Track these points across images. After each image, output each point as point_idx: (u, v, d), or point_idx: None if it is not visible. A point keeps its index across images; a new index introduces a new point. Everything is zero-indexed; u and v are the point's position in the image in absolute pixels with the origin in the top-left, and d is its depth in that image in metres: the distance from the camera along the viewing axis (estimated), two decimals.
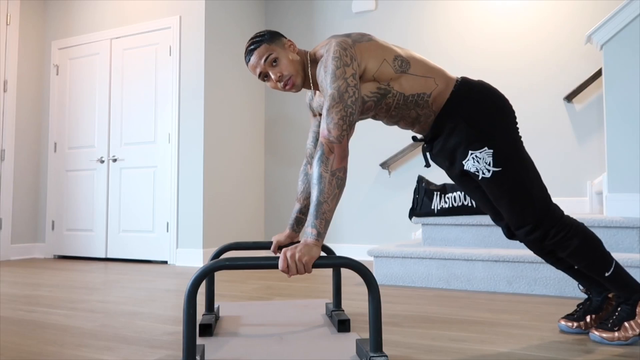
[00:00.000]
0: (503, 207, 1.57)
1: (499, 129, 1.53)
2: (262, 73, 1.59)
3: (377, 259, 2.94)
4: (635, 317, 1.59)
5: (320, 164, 1.39)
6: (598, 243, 1.60)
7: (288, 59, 1.57)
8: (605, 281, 1.61)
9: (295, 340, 1.66)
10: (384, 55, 1.53)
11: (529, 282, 2.56)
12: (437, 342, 1.65)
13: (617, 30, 2.83)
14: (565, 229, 1.56)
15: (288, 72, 1.57)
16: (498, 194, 1.55)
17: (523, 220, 1.56)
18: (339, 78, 1.44)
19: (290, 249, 1.31)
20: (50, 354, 1.55)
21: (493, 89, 1.59)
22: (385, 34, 4.38)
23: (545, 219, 1.55)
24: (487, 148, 1.51)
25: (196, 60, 4.16)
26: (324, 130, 1.42)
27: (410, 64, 1.56)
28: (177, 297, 2.54)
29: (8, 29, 4.61)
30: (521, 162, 1.54)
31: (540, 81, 3.85)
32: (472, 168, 1.54)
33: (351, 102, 1.44)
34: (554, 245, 1.58)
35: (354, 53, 1.49)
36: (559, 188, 3.75)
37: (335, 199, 1.37)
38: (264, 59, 1.56)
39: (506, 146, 1.53)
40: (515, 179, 1.52)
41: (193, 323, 1.24)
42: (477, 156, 1.52)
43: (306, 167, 1.88)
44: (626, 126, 2.80)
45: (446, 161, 1.62)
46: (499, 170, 1.52)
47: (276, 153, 4.81)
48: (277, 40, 1.59)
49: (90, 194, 4.56)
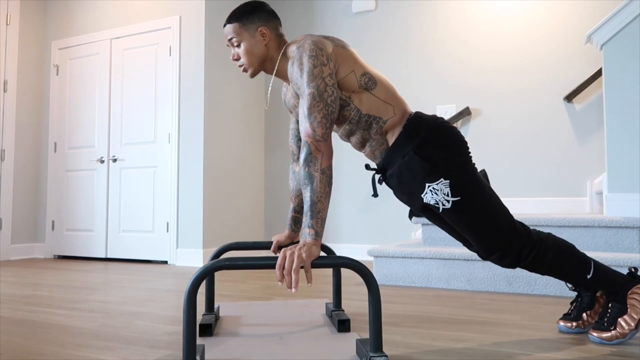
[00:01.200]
0: (470, 236, 1.56)
1: (452, 159, 1.51)
2: (229, 45, 1.67)
3: (377, 259, 2.94)
4: (627, 311, 1.59)
5: (309, 163, 1.39)
6: (572, 250, 1.60)
7: (249, 49, 1.61)
8: (589, 283, 1.62)
9: (295, 340, 1.66)
10: (354, 66, 1.54)
11: (529, 282, 2.56)
12: (437, 342, 1.65)
13: (617, 30, 2.83)
14: (537, 246, 1.56)
15: (243, 60, 1.63)
16: (462, 223, 1.54)
17: (492, 247, 1.55)
18: (317, 77, 1.45)
19: (290, 249, 1.31)
20: (50, 354, 1.55)
21: (444, 121, 1.57)
22: (385, 34, 4.38)
23: (514, 241, 1.54)
24: (443, 179, 1.50)
25: (196, 60, 4.16)
26: (307, 129, 1.42)
27: (377, 85, 1.56)
28: (177, 297, 2.54)
29: (8, 29, 4.61)
30: (479, 189, 1.52)
31: (540, 81, 3.85)
32: (431, 201, 1.52)
33: (331, 100, 1.45)
34: (529, 264, 1.57)
35: (329, 54, 1.49)
36: (559, 188, 3.75)
37: (327, 197, 1.39)
38: (228, 38, 1.64)
39: (462, 175, 1.51)
40: (475, 206, 1.51)
41: (193, 323, 1.24)
42: (434, 188, 1.51)
43: (293, 165, 1.89)
44: (626, 126, 2.80)
45: (405, 196, 1.61)
46: (458, 199, 1.50)
47: (276, 153, 4.81)
48: (250, 25, 1.60)
49: (90, 194, 4.56)
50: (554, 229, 2.74)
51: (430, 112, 4.17)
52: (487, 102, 4.00)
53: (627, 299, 1.60)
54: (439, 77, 4.17)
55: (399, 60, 4.32)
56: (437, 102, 4.15)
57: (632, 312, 1.59)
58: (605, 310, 1.63)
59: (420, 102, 4.21)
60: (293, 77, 1.52)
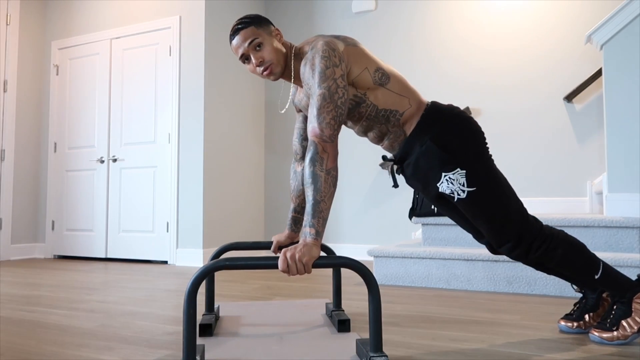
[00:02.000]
0: (482, 226, 1.57)
1: (469, 149, 1.52)
2: (244, 55, 1.59)
3: (377, 259, 2.94)
4: (631, 314, 1.59)
5: (315, 163, 1.39)
6: (582, 248, 1.60)
7: (272, 46, 1.57)
8: (596, 283, 1.62)
9: (295, 340, 1.66)
10: (367, 63, 1.54)
11: (529, 282, 2.56)
12: (437, 342, 1.65)
13: (617, 30, 2.83)
14: (547, 240, 1.56)
15: (269, 59, 1.57)
16: (475, 213, 1.54)
17: (504, 238, 1.56)
18: (329, 78, 1.45)
19: (290, 250, 1.31)
20: (50, 354, 1.55)
21: (461, 111, 1.58)
22: (385, 34, 4.38)
23: (526, 233, 1.55)
24: (460, 169, 1.51)
25: (196, 60, 4.16)
26: (315, 129, 1.42)
27: (390, 80, 1.56)
28: (177, 297, 2.54)
29: (8, 29, 4.61)
30: (495, 180, 1.53)
31: (540, 81, 3.85)
32: (446, 190, 1.53)
33: (341, 102, 1.45)
34: (538, 257, 1.58)
35: (342, 54, 1.49)
36: (559, 188, 3.75)
37: (331, 198, 1.39)
38: (248, 41, 1.56)
39: (478, 165, 1.52)
40: (490, 197, 1.52)
41: (193, 323, 1.24)
42: (450, 178, 1.52)
43: (295, 165, 1.89)
44: (626, 126, 2.80)
45: (420, 184, 1.61)
46: (473, 190, 1.51)
47: (276, 153, 4.81)
48: (265, 26, 1.59)
49: (90, 194, 4.56)
50: None
51: None
52: (487, 101, 4.00)
53: (633, 302, 1.60)
54: (439, 76, 4.17)
55: (399, 60, 4.32)
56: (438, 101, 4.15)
57: (636, 315, 1.59)
58: (610, 311, 1.63)
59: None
60: (305, 77, 1.52)
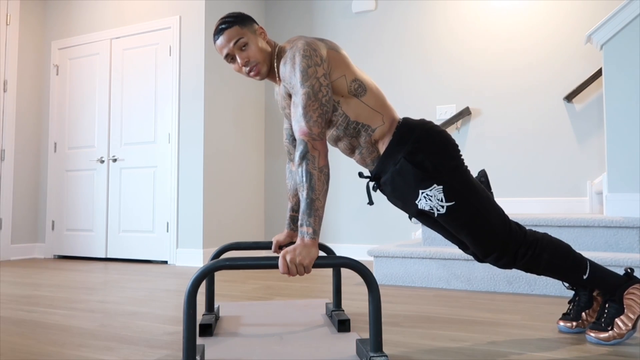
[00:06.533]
0: (466, 239, 1.56)
1: (444, 164, 1.51)
2: (230, 55, 1.57)
3: (377, 259, 2.94)
4: (624, 311, 1.60)
5: (307, 161, 1.39)
6: (568, 250, 1.60)
7: (257, 45, 1.56)
8: (585, 283, 1.62)
9: (295, 340, 1.66)
10: (345, 71, 1.53)
11: (529, 282, 2.56)
12: (437, 342, 1.65)
13: (617, 30, 2.83)
14: (532, 246, 1.56)
15: (255, 59, 1.56)
16: (458, 227, 1.54)
17: (489, 248, 1.55)
18: (312, 77, 1.44)
19: (289, 252, 1.31)
20: (50, 354, 1.55)
21: (433, 125, 1.56)
22: (384, 34, 4.38)
23: (510, 242, 1.55)
24: (436, 185, 1.50)
25: (196, 60, 4.16)
26: (303, 128, 1.42)
27: (366, 93, 1.55)
28: (177, 297, 2.54)
29: (8, 29, 4.61)
30: (473, 192, 1.52)
31: (540, 81, 3.85)
32: (426, 207, 1.52)
33: (325, 100, 1.45)
34: (525, 264, 1.58)
35: (323, 55, 1.49)
36: (559, 188, 3.75)
37: (325, 195, 1.39)
38: (233, 41, 1.54)
39: (454, 179, 1.51)
40: (470, 209, 1.51)
41: (193, 323, 1.24)
42: (427, 194, 1.51)
43: (290, 165, 1.89)
44: (626, 126, 2.80)
45: (399, 202, 1.61)
46: (452, 204, 1.50)
47: (276, 153, 4.81)
48: (249, 25, 1.57)
49: (90, 194, 4.56)
50: (554, 229, 2.74)
51: (430, 111, 4.17)
52: (487, 101, 4.00)
53: (624, 299, 1.60)
54: (439, 76, 4.17)
55: (399, 60, 4.32)
56: (437, 102, 4.15)
57: (628, 312, 1.59)
58: (603, 311, 1.63)
59: (420, 102, 4.21)
60: (285, 76, 1.51)
